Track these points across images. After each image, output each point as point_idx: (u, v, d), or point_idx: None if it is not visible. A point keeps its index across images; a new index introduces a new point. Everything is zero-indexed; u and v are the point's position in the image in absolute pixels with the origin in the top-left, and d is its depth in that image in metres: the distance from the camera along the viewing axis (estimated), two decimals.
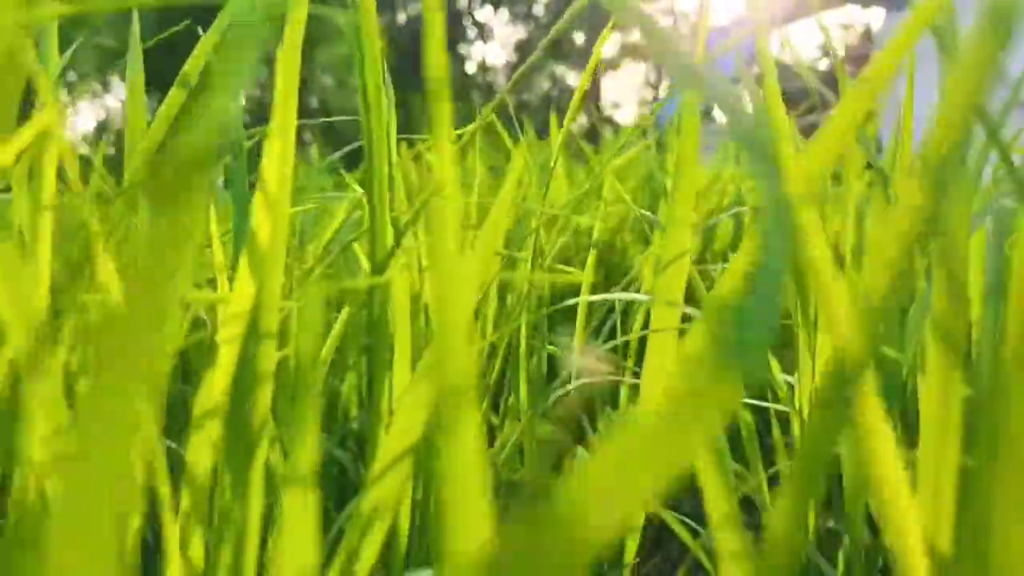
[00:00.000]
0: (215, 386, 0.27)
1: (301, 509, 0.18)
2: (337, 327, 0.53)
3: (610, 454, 0.11)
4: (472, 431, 0.16)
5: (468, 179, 0.90)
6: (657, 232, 0.58)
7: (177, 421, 0.52)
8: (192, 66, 0.40)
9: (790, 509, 0.17)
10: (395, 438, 0.27)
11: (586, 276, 0.54)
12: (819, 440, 0.18)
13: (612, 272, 0.98)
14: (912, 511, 0.18)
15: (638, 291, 0.64)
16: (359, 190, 0.69)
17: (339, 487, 0.57)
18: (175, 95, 0.41)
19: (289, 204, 0.26)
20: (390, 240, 0.36)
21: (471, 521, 0.15)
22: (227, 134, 0.13)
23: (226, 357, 0.26)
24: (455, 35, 15.34)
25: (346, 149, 0.80)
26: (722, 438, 0.37)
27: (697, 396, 0.13)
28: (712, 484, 0.20)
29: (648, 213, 0.60)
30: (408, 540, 0.37)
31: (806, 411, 0.47)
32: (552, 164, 0.64)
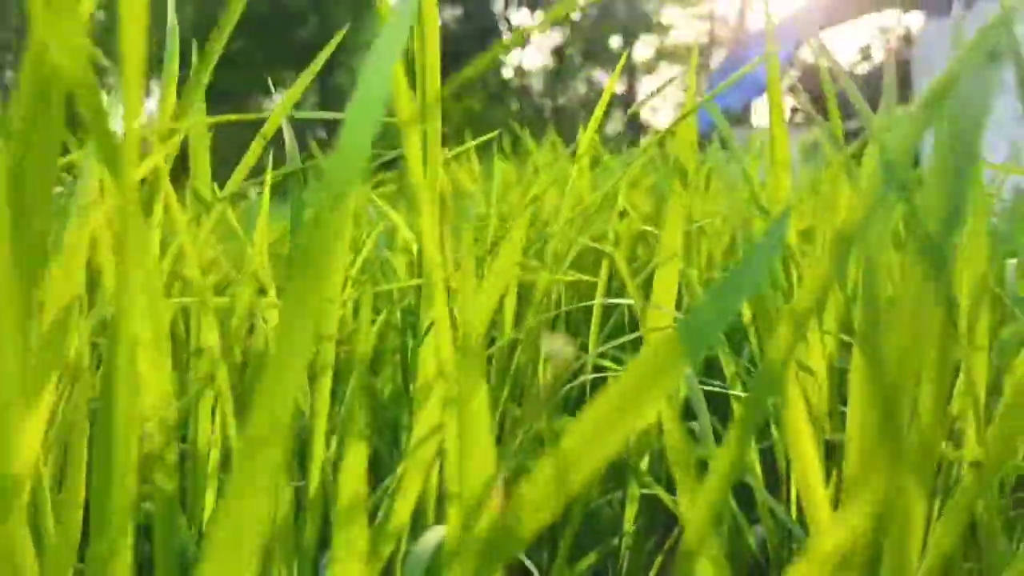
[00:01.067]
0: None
1: (355, 461, 0.24)
2: (376, 326, 0.60)
3: (593, 411, 0.17)
4: (482, 398, 0.22)
5: (495, 185, 0.96)
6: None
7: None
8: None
9: (735, 445, 0.23)
10: (424, 422, 0.33)
11: (600, 280, 0.60)
12: (759, 400, 0.23)
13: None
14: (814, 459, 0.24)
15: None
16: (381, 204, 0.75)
17: (374, 473, 0.64)
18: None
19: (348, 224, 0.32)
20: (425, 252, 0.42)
21: (480, 463, 0.21)
22: (366, 157, 0.19)
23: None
24: (490, 39, 15.44)
25: (386, 158, 0.86)
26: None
27: (652, 372, 0.19)
28: (672, 436, 0.26)
29: (652, 229, 0.65)
30: (435, 509, 0.43)
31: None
32: (572, 173, 0.70)
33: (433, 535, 0.29)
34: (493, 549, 0.15)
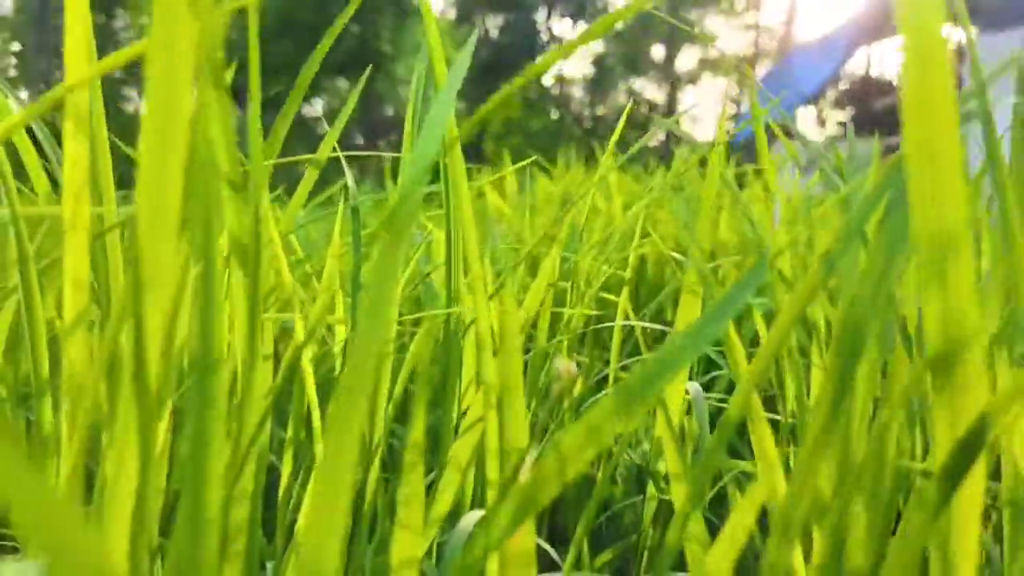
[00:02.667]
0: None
1: (415, 478, 0.30)
2: (417, 342, 0.66)
3: (590, 414, 0.22)
4: (519, 398, 0.27)
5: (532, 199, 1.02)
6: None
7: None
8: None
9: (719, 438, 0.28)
10: (466, 424, 0.39)
11: (621, 303, 0.66)
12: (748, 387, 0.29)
13: (652, 294, 1.08)
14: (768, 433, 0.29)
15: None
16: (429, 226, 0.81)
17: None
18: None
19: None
20: (463, 275, 0.48)
21: (517, 442, 0.27)
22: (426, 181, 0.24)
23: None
24: (531, 47, 15.53)
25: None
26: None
27: (637, 387, 0.24)
28: (663, 428, 0.31)
29: (675, 255, 0.70)
30: (471, 501, 0.49)
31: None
32: (592, 191, 0.75)
33: (473, 516, 0.35)
34: (526, 503, 0.21)
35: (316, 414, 0.42)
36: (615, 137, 0.81)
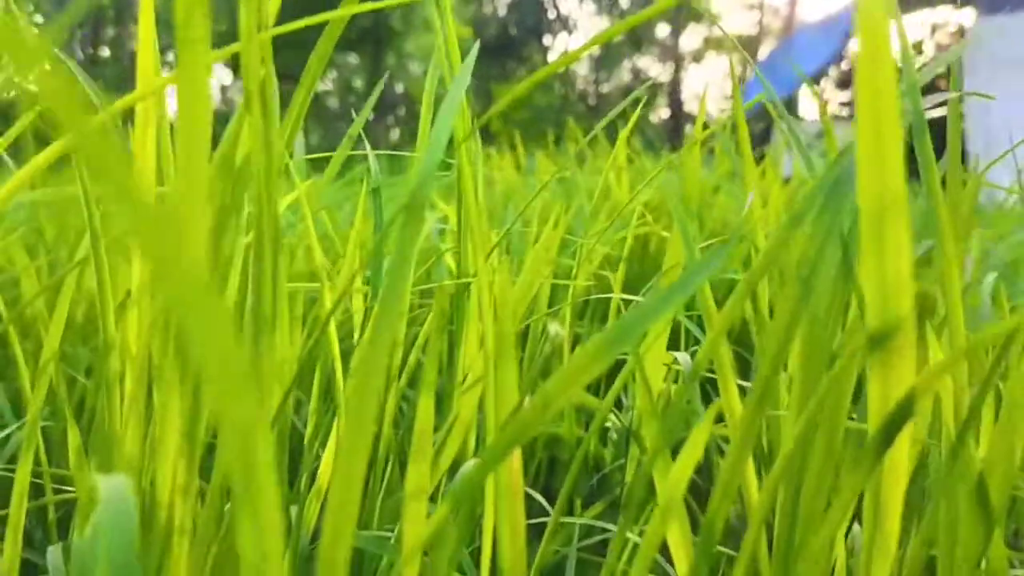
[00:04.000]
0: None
1: (425, 415, 0.35)
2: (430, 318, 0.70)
3: (564, 369, 0.27)
4: (512, 364, 0.32)
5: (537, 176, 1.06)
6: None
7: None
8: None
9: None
10: (468, 390, 0.44)
11: (618, 276, 0.70)
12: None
13: (654, 271, 1.13)
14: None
15: None
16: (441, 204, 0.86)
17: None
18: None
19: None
20: (473, 251, 0.53)
21: (509, 395, 0.31)
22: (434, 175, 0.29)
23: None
24: (538, 25, 15.44)
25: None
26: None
27: (601, 348, 0.29)
28: (640, 390, 0.36)
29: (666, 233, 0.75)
30: (474, 455, 0.54)
31: None
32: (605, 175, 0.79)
33: (474, 462, 0.40)
34: (516, 434, 0.25)
35: (339, 375, 0.46)
36: (630, 126, 0.85)
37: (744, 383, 0.43)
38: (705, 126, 0.74)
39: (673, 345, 0.55)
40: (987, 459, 0.36)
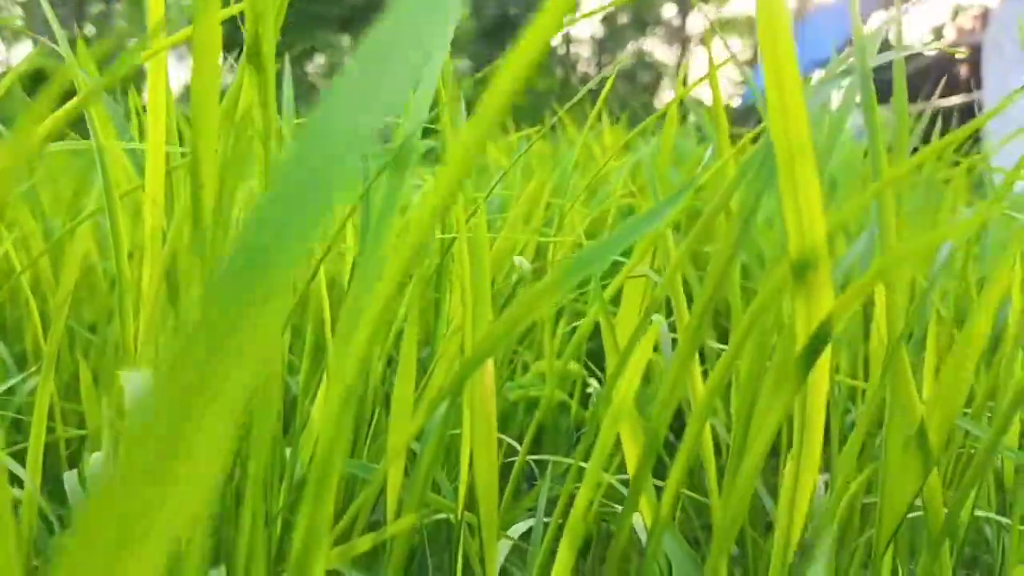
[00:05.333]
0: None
1: (407, 374, 0.39)
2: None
3: (515, 305, 0.31)
4: (486, 297, 0.36)
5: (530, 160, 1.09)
6: None
7: None
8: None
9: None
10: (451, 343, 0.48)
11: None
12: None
13: None
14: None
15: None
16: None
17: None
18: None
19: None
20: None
21: (483, 321, 0.35)
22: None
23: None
24: (538, 5, 15.32)
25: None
26: None
27: (544, 291, 0.32)
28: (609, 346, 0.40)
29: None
30: None
31: None
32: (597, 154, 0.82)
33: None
34: (485, 349, 0.29)
35: (328, 325, 0.50)
36: (599, 105, 0.88)
37: None
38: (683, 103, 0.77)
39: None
40: (930, 398, 0.40)
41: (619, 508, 0.60)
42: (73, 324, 0.78)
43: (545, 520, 0.50)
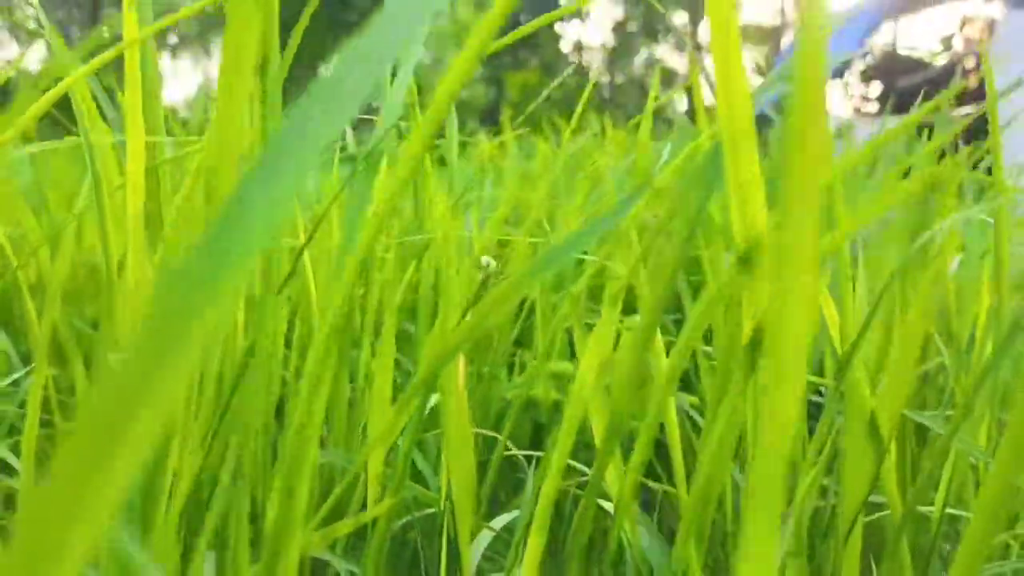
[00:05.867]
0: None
1: (386, 366, 0.40)
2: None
3: (495, 295, 0.32)
4: (455, 292, 0.37)
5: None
6: None
7: None
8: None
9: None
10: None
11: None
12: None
13: None
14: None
15: None
16: None
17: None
18: None
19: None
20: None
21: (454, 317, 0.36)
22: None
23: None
24: (550, 11, 15.38)
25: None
26: None
27: (509, 289, 0.34)
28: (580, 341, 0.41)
29: None
30: None
31: None
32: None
33: None
34: (459, 340, 0.31)
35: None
36: (579, 111, 0.89)
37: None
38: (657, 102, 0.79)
39: None
40: (882, 391, 0.41)
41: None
42: (77, 321, 0.80)
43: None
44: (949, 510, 0.51)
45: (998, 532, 0.44)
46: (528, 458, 0.81)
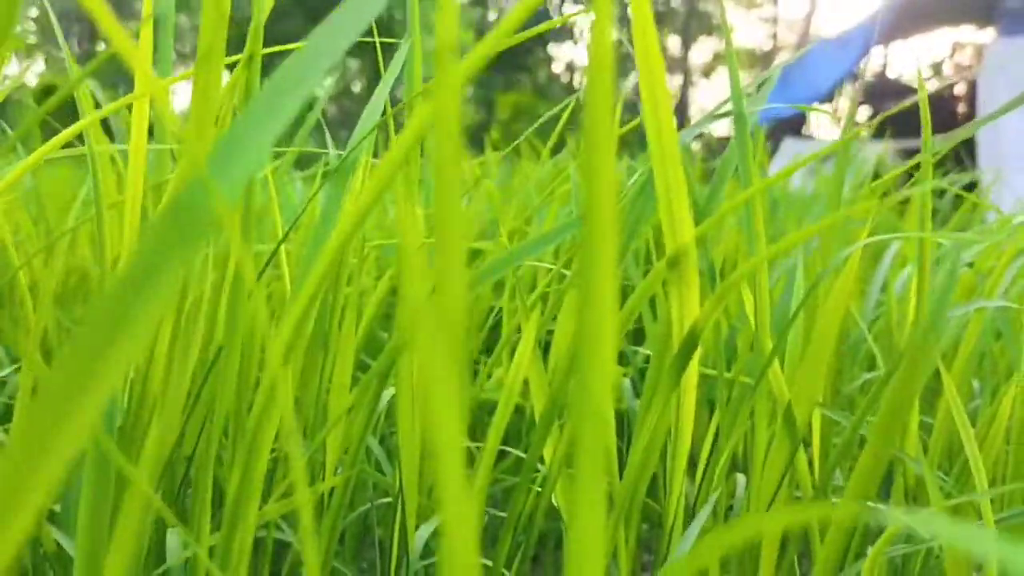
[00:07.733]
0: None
1: (346, 351, 0.44)
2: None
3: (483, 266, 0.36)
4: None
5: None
6: None
7: None
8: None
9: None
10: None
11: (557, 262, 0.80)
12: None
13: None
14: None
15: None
16: None
17: None
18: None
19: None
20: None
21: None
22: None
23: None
24: (543, 35, 15.57)
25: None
26: None
27: (508, 257, 0.38)
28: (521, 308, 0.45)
29: None
30: None
31: None
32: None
33: None
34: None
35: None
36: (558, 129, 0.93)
37: None
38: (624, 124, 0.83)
39: None
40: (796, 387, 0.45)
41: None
42: (67, 322, 0.83)
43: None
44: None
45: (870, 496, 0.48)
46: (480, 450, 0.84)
